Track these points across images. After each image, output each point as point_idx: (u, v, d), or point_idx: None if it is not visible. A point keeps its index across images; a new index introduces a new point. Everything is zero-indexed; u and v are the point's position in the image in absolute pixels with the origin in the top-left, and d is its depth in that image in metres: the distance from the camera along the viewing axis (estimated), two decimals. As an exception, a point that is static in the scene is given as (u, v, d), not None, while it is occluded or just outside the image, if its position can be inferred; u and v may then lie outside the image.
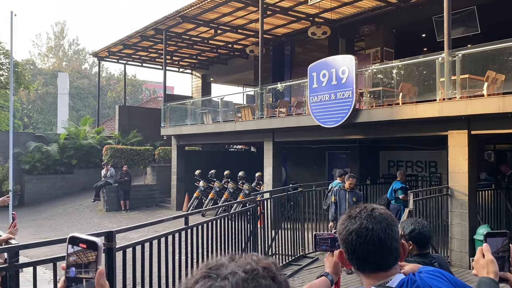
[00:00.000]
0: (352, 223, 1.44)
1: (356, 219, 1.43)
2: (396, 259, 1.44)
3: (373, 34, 13.51)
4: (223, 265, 0.90)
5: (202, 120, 14.99)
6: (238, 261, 0.91)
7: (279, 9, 13.36)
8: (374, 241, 1.38)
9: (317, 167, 15.93)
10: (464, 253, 7.87)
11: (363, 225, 1.41)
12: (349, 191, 7.72)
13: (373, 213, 1.44)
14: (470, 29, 11.53)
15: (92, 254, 0.97)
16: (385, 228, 1.40)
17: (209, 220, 5.91)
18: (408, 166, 13.96)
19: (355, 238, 1.40)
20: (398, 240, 1.44)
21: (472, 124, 7.81)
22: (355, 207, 1.51)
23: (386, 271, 1.41)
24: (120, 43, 17.63)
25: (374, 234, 1.39)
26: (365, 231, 1.40)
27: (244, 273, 0.87)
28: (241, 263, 0.90)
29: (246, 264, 0.89)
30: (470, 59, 8.36)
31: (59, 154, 19.31)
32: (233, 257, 0.93)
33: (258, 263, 0.91)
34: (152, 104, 29.05)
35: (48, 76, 37.92)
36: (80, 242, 0.97)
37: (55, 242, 3.49)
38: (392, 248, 1.40)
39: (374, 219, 1.41)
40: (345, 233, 1.44)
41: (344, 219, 1.48)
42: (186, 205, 15.65)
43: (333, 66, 9.66)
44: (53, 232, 12.95)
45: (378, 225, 1.40)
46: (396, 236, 1.43)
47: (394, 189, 9.47)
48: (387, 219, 1.43)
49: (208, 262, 0.93)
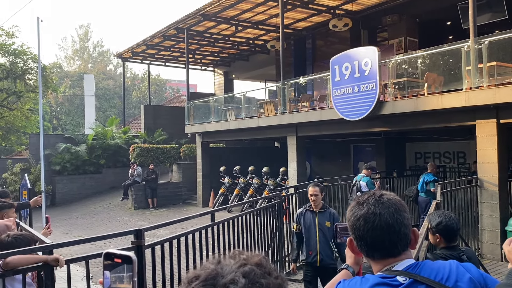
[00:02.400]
0: (360, 209, 1.43)
1: (364, 205, 1.43)
2: (406, 245, 1.42)
3: (396, 24, 13.27)
4: (217, 273, 0.86)
5: (225, 117, 15.09)
6: (229, 264, 0.89)
7: (299, 3, 13.28)
8: (382, 226, 1.37)
9: (342, 160, 15.82)
10: (495, 245, 7.69)
11: (370, 211, 1.40)
12: (318, 212, 4.99)
13: (381, 198, 1.43)
14: (497, 15, 11.19)
15: (127, 267, 1.02)
16: (393, 213, 1.39)
17: (235, 216, 5.97)
18: (436, 157, 13.70)
19: (363, 224, 1.40)
20: (408, 226, 1.42)
21: (501, 112, 7.60)
22: (363, 194, 1.50)
23: (395, 257, 1.40)
24: (143, 44, 17.88)
25: (382, 219, 1.38)
26: (372, 216, 1.39)
27: (243, 278, 0.85)
28: (234, 266, 0.88)
29: (240, 266, 0.87)
30: (497, 45, 8.12)
31: (88, 154, 19.78)
32: (220, 261, 0.91)
33: (249, 261, 0.90)
34: (176, 102, 29.37)
35: (74, 78, 38.79)
36: (115, 257, 1.02)
37: (88, 241, 3.60)
38: (401, 234, 1.39)
39: (382, 205, 1.41)
40: (353, 219, 1.44)
41: (353, 206, 1.48)
42: (212, 202, 15.81)
43: (355, 58, 9.56)
44: (84, 231, 13.30)
45: (386, 210, 1.39)
46: (406, 222, 1.41)
47: (426, 181, 9.32)
48: (396, 204, 1.42)
49: (197, 274, 0.88)
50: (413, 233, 1.44)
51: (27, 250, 3.13)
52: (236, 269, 0.87)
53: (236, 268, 0.87)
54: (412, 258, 1.43)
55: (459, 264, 1.43)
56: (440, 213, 3.24)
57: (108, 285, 1.02)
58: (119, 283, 1.02)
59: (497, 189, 7.65)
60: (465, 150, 12.85)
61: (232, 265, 0.88)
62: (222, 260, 0.91)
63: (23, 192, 9.08)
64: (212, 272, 0.87)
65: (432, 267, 1.38)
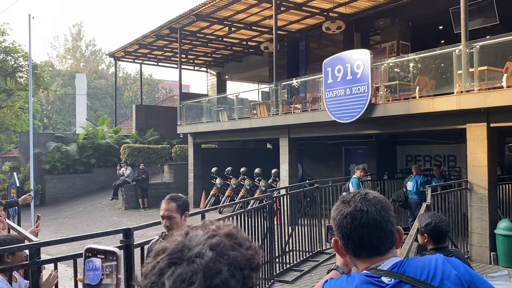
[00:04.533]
0: (346, 207, 1.41)
1: (350, 203, 1.42)
2: (393, 243, 1.41)
3: (388, 27, 13.36)
4: (184, 245, 0.83)
5: (217, 117, 15.06)
6: (197, 235, 0.85)
7: (293, 5, 13.31)
8: (369, 223, 1.36)
9: (333, 162, 15.86)
10: (484, 248, 7.75)
11: (357, 208, 1.38)
12: None
13: (367, 196, 1.42)
14: (488, 20, 11.30)
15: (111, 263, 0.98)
16: (380, 210, 1.38)
17: (226, 216, 5.96)
18: (426, 160, 13.78)
19: (350, 221, 1.38)
20: (394, 224, 1.41)
21: (491, 116, 7.67)
22: (348, 193, 1.49)
23: (382, 255, 1.38)
24: (136, 43, 17.80)
25: (370, 216, 1.37)
26: (359, 213, 1.37)
27: (210, 251, 0.81)
28: (202, 238, 0.84)
29: (208, 238, 0.84)
30: (488, 50, 8.20)
31: (78, 153, 19.64)
32: (188, 232, 0.87)
33: (219, 232, 0.86)
34: (168, 102, 29.27)
35: (66, 77, 38.53)
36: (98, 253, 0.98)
37: (76, 239, 3.56)
38: (387, 231, 1.38)
39: (368, 202, 1.40)
40: (339, 217, 1.42)
41: (338, 205, 1.46)
42: (203, 203, 15.76)
43: (348, 61, 9.59)
44: (73, 231, 13.18)
45: (372, 207, 1.38)
46: (392, 220, 1.41)
47: (420, 183, 9.39)
48: (382, 202, 1.41)
49: (165, 246, 0.85)
50: (398, 231, 1.43)
51: (13, 248, 3.09)
52: (204, 241, 0.83)
53: (204, 240, 0.83)
54: (397, 256, 1.42)
55: (445, 259, 1.40)
56: (430, 214, 3.26)
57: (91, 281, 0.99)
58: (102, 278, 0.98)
59: (486, 193, 7.71)
60: (455, 154, 12.94)
61: (200, 237, 0.84)
62: (191, 231, 0.87)
63: (12, 191, 8.98)
64: (178, 244, 0.83)
65: (417, 265, 1.36)
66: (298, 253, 8.34)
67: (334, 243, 1.48)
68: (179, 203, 3.12)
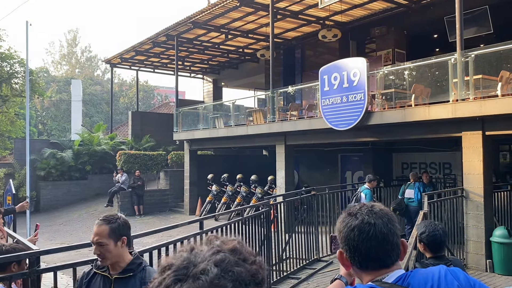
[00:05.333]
0: (353, 220, 1.42)
1: (357, 215, 1.42)
2: (398, 255, 1.42)
3: (384, 36, 13.47)
4: (189, 261, 0.84)
5: (214, 124, 15.08)
6: (202, 251, 0.86)
7: (289, 13, 13.41)
8: (377, 236, 1.37)
9: (329, 169, 15.88)
10: (480, 255, 7.78)
11: (365, 221, 1.39)
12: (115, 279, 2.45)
13: (373, 209, 1.43)
14: (482, 29, 11.43)
15: None
16: (387, 223, 1.39)
17: (223, 224, 5.95)
18: (422, 168, 13.83)
19: (358, 234, 1.39)
20: (399, 236, 1.43)
21: (487, 124, 7.73)
22: (353, 205, 1.50)
23: (388, 268, 1.39)
24: (132, 50, 17.83)
25: (377, 229, 1.38)
26: (367, 226, 1.38)
27: (215, 267, 0.82)
28: (207, 254, 0.85)
29: (213, 254, 0.85)
30: (483, 59, 8.29)
31: (74, 160, 19.56)
32: (193, 248, 0.88)
33: (223, 247, 0.87)
34: (164, 109, 29.25)
35: (61, 83, 38.42)
36: None
37: (75, 248, 3.55)
38: (394, 244, 1.39)
39: (375, 215, 1.40)
40: (346, 230, 1.42)
41: (344, 217, 1.46)
42: (199, 210, 15.72)
43: (344, 69, 9.65)
44: (69, 238, 13.11)
45: (379, 220, 1.39)
46: (398, 232, 1.42)
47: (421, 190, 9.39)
48: (388, 215, 1.43)
49: (170, 262, 0.86)
50: (402, 244, 1.45)
51: (13, 256, 3.08)
52: (208, 257, 0.84)
53: (209, 256, 0.84)
54: (402, 268, 1.43)
55: (448, 270, 1.43)
56: (427, 223, 3.27)
57: None
58: None
59: (482, 200, 7.76)
60: (451, 161, 13.01)
61: (205, 253, 0.85)
62: (196, 247, 0.88)
63: (7, 198, 8.93)
64: (184, 260, 0.84)
65: (420, 278, 1.37)
66: (295, 261, 8.33)
67: (339, 255, 1.48)
68: (113, 226, 2.41)
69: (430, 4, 12.07)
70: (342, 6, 12.55)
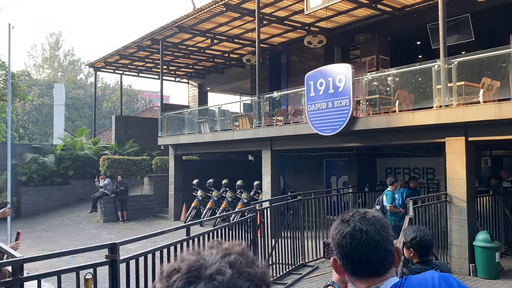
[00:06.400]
0: (345, 226, 1.41)
1: (349, 222, 1.41)
2: (392, 263, 1.40)
3: (368, 42, 13.62)
4: (200, 264, 0.82)
5: (199, 129, 15.01)
6: (211, 254, 0.85)
7: (275, 19, 13.47)
8: (368, 243, 1.36)
9: (315, 174, 15.95)
10: (463, 260, 7.88)
11: (357, 227, 1.38)
12: None
13: (366, 215, 1.42)
14: (464, 36, 11.65)
15: None
16: (379, 230, 1.38)
17: (210, 230, 5.91)
18: (406, 173, 13.99)
19: (349, 241, 1.38)
20: (393, 243, 1.42)
21: (469, 130, 7.86)
22: (347, 212, 1.49)
23: (381, 276, 1.38)
24: (117, 54, 17.67)
25: (369, 236, 1.37)
26: (359, 233, 1.37)
27: (230, 268, 0.81)
28: (217, 256, 0.84)
29: (224, 256, 0.84)
30: (465, 66, 8.44)
31: (56, 165, 19.23)
32: (199, 251, 0.87)
33: (232, 250, 0.87)
34: (148, 113, 29.06)
35: (43, 87, 37.84)
36: None
37: (60, 255, 3.48)
38: (387, 251, 1.38)
39: (367, 221, 1.39)
40: (338, 237, 1.41)
41: (337, 224, 1.45)
42: (184, 215, 15.60)
43: (330, 75, 9.72)
44: (50, 244, 12.86)
45: (372, 227, 1.38)
46: (391, 239, 1.41)
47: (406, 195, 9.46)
48: (380, 221, 1.42)
49: (177, 266, 0.84)
50: (397, 251, 1.43)
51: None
52: (220, 259, 0.83)
53: (219, 258, 0.83)
54: (396, 276, 1.42)
55: (441, 277, 1.43)
56: (415, 228, 3.30)
57: None
58: None
59: (465, 205, 7.87)
60: (434, 166, 13.19)
61: (215, 255, 0.84)
62: (202, 251, 0.87)
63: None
64: (194, 263, 0.82)
65: (416, 285, 1.37)
66: (281, 266, 8.31)
67: (333, 263, 1.47)
68: None
69: (414, 11, 12.26)
70: (327, 13, 12.66)
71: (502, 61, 8.32)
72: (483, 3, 9.98)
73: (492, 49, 7.94)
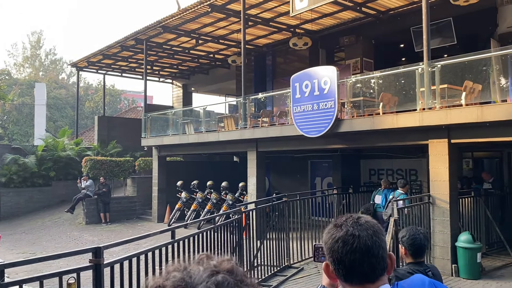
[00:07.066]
0: (338, 231, 1.39)
1: (342, 227, 1.39)
2: (384, 270, 1.38)
3: (352, 45, 13.72)
4: (186, 283, 0.79)
5: (184, 130, 14.90)
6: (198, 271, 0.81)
7: (261, 20, 13.47)
8: (361, 248, 1.34)
9: (300, 176, 15.99)
10: (446, 260, 7.99)
11: (349, 232, 1.37)
12: None
13: (359, 220, 1.40)
14: (446, 40, 11.83)
15: None
16: (372, 235, 1.36)
17: (195, 233, 5.85)
18: (389, 174, 14.14)
19: (342, 246, 1.36)
20: (386, 249, 1.40)
21: (452, 133, 7.98)
22: (340, 216, 1.48)
23: (373, 282, 1.36)
24: (100, 53, 17.44)
25: (361, 241, 1.35)
26: (351, 238, 1.35)
27: None
28: (204, 274, 0.80)
29: (211, 275, 0.80)
30: (448, 69, 8.56)
31: (37, 166, 18.87)
32: (186, 267, 0.83)
33: (220, 268, 0.83)
34: (132, 114, 28.73)
35: (24, 86, 37.15)
36: None
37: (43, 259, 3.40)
38: (379, 257, 1.36)
39: (360, 226, 1.38)
40: (331, 242, 1.39)
41: (330, 228, 1.44)
42: (167, 217, 15.46)
43: (315, 77, 9.76)
44: (31, 247, 12.61)
45: (364, 232, 1.36)
46: (383, 245, 1.39)
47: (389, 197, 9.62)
48: (374, 227, 1.40)
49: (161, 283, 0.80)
50: (390, 257, 1.42)
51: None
52: (207, 278, 0.79)
53: (207, 277, 0.79)
54: (387, 283, 1.40)
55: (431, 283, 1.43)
56: (409, 228, 3.28)
57: None
58: None
59: (448, 206, 7.98)
60: (417, 168, 13.35)
61: (202, 273, 0.80)
62: (189, 266, 0.83)
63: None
64: (180, 282, 0.78)
65: None
66: (266, 268, 8.30)
67: (325, 267, 1.45)
68: None
69: (398, 14, 12.39)
70: (313, 15, 12.71)
71: (483, 64, 8.49)
72: (465, 8, 10.13)
73: (474, 53, 8.08)
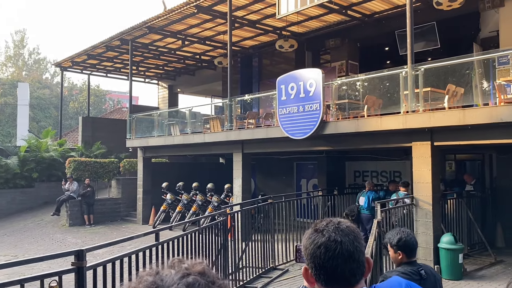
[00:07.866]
0: (319, 236, 1.38)
1: (324, 232, 1.39)
2: (363, 274, 1.39)
3: (338, 47, 13.83)
4: (157, 286, 0.80)
5: (169, 131, 14.82)
6: (169, 274, 0.82)
7: (247, 22, 13.48)
8: (343, 254, 1.34)
9: (285, 177, 16.04)
10: (429, 261, 8.07)
11: (331, 238, 1.36)
12: None
13: (340, 226, 1.40)
14: (430, 43, 11.99)
15: None
16: (353, 241, 1.37)
17: (180, 235, 5.83)
18: (373, 176, 14.27)
19: (324, 252, 1.35)
20: (364, 254, 1.41)
21: (435, 135, 8.09)
22: (320, 221, 1.47)
23: (353, 286, 1.37)
24: (84, 53, 17.25)
25: (344, 247, 1.35)
26: (334, 244, 1.35)
27: None
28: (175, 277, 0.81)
29: (182, 277, 0.81)
30: (431, 72, 8.69)
31: (19, 167, 18.57)
32: (158, 271, 0.84)
33: (192, 270, 0.84)
34: (116, 114, 28.47)
35: (6, 86, 36.54)
36: None
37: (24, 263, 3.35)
38: (360, 262, 1.37)
39: (342, 232, 1.38)
40: (312, 247, 1.38)
41: (311, 233, 1.42)
42: (152, 219, 15.36)
43: (301, 79, 9.81)
44: (13, 249, 12.40)
45: (346, 238, 1.36)
46: (363, 250, 1.40)
47: (372, 199, 9.74)
48: (354, 232, 1.40)
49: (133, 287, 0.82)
50: (367, 261, 1.42)
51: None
52: (178, 280, 0.80)
53: (178, 279, 0.80)
54: (365, 286, 1.42)
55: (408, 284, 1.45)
56: (398, 230, 3.28)
57: None
58: None
59: (431, 208, 8.09)
60: (401, 170, 13.50)
61: (173, 276, 0.81)
62: (161, 270, 0.83)
63: None
64: (151, 285, 0.79)
65: None
66: (251, 270, 8.30)
67: (304, 272, 1.44)
68: None
69: (383, 18, 12.53)
70: (299, 17, 12.77)
71: (466, 68, 8.63)
72: (448, 12, 10.29)
73: (457, 57, 8.22)
